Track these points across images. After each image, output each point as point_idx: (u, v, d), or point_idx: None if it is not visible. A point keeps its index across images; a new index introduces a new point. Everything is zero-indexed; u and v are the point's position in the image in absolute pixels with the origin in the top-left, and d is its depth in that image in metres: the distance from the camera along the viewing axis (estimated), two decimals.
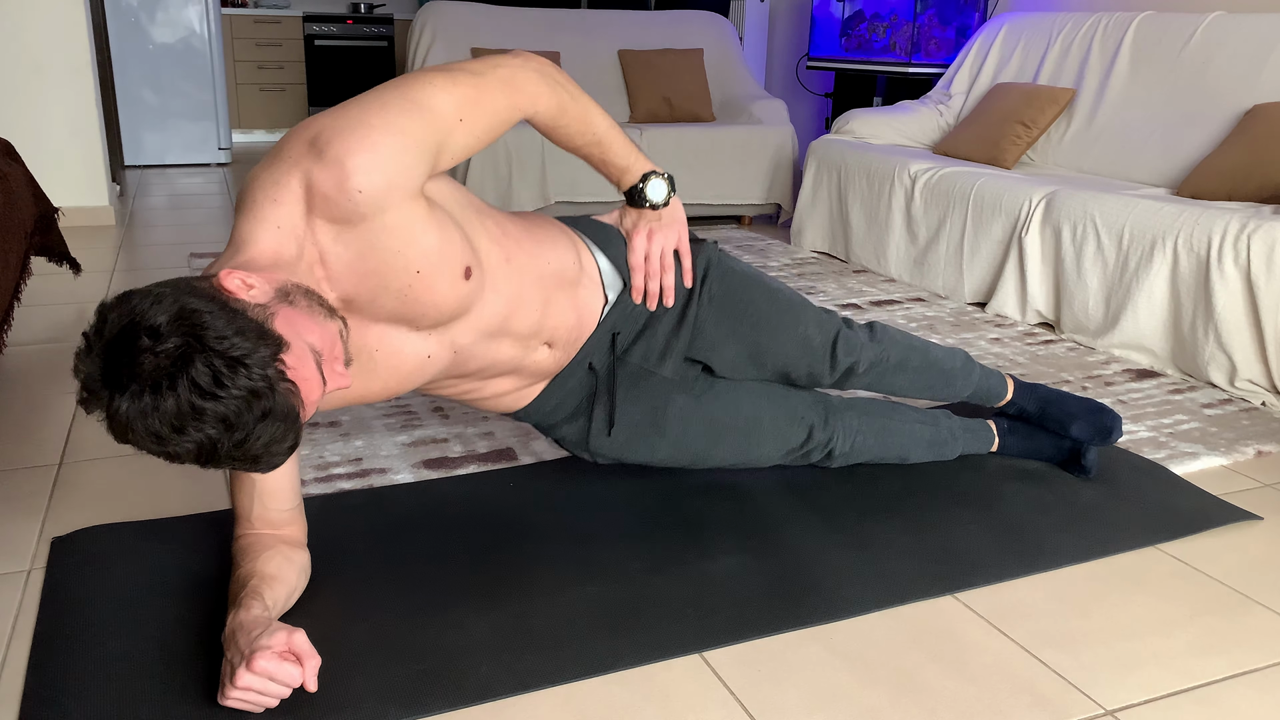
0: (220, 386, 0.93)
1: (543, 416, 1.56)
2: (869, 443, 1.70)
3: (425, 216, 1.16)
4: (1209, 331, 2.32)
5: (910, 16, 4.15)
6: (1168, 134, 3.05)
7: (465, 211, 1.29)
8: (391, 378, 1.26)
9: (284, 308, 1.04)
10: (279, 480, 1.32)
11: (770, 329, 1.55)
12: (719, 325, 1.53)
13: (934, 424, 1.78)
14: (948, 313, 2.95)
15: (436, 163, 1.17)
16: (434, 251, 1.17)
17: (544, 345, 1.43)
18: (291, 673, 1.06)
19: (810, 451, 1.67)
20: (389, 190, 1.10)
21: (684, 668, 1.24)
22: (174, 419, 0.93)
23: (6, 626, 1.29)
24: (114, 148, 4.68)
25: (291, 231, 1.11)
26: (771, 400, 1.62)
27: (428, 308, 1.20)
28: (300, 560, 1.31)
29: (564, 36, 4.54)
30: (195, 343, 0.93)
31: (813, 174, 3.78)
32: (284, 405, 0.98)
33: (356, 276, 1.15)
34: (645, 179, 1.44)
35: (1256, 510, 1.70)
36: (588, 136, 1.38)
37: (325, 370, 1.06)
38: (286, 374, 0.99)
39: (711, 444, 1.60)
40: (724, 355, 1.55)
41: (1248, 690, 1.23)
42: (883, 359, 1.64)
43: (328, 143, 1.09)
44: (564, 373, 1.50)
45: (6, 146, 2.34)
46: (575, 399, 1.54)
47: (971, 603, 1.40)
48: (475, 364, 1.36)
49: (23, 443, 1.86)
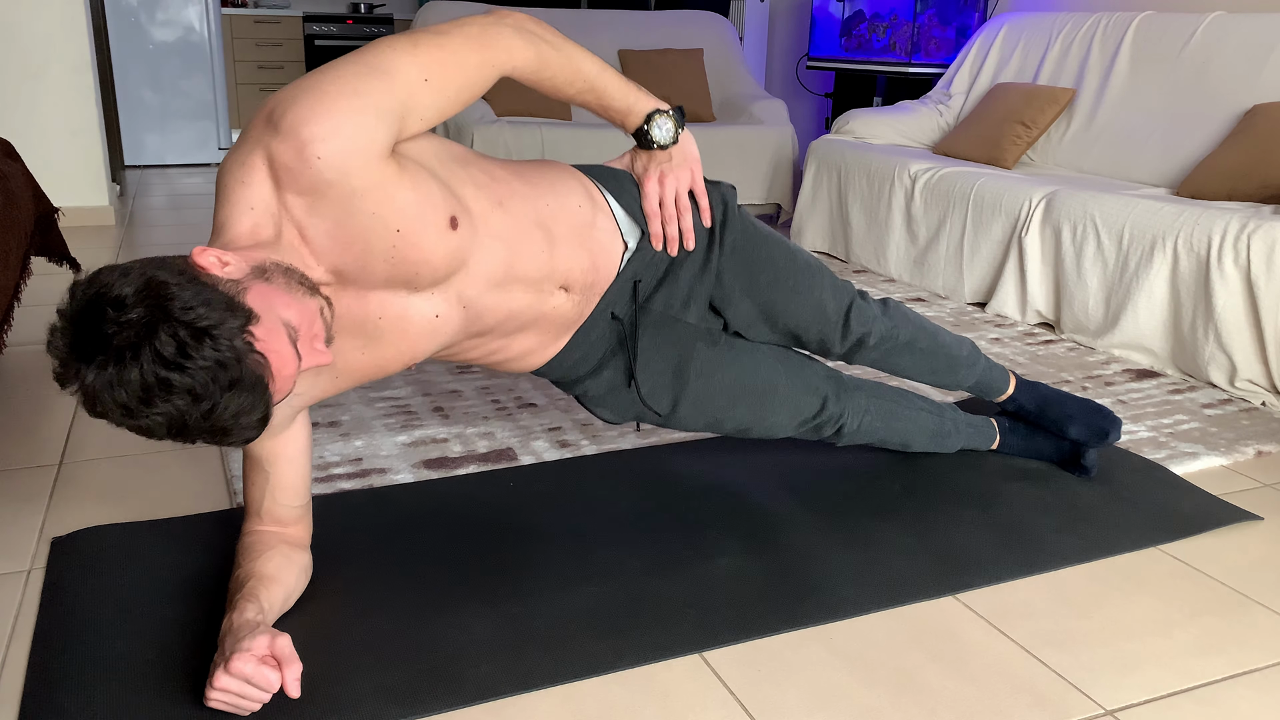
0: (185, 357, 0.92)
1: (565, 371, 1.50)
2: (875, 424, 1.68)
3: (396, 176, 1.13)
4: (1209, 331, 2.32)
5: (910, 16, 4.15)
6: (1168, 134, 3.05)
7: (446, 164, 1.25)
8: (403, 342, 1.24)
9: (258, 284, 1.04)
10: (292, 476, 1.32)
11: (786, 289, 1.52)
12: (736, 277, 1.49)
13: (939, 414, 1.77)
14: (948, 313, 2.95)
15: (403, 126, 1.14)
16: (411, 208, 1.14)
17: (560, 289, 1.37)
18: (269, 677, 1.05)
19: (822, 425, 1.63)
20: (348, 154, 1.08)
21: (684, 668, 1.24)
22: (140, 390, 0.93)
23: (6, 626, 1.29)
24: (114, 148, 4.68)
25: (265, 210, 1.10)
26: (788, 368, 1.59)
27: (419, 265, 1.18)
28: (300, 561, 1.31)
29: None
30: (160, 313, 0.93)
31: (813, 174, 3.78)
32: (252, 376, 0.97)
33: (339, 246, 1.13)
34: (650, 119, 1.38)
35: (1256, 510, 1.70)
36: (579, 84, 1.33)
37: (302, 346, 1.05)
38: (255, 346, 0.98)
39: (729, 404, 1.55)
40: (739, 309, 1.52)
41: (1248, 690, 1.23)
42: (893, 334, 1.62)
43: (282, 115, 1.08)
44: (587, 324, 1.44)
45: (6, 146, 2.34)
46: (599, 351, 1.49)
47: (971, 603, 1.40)
48: (491, 318, 1.31)
49: (23, 443, 1.86)
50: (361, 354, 1.23)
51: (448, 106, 1.20)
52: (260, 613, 1.16)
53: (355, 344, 1.22)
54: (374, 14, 6.89)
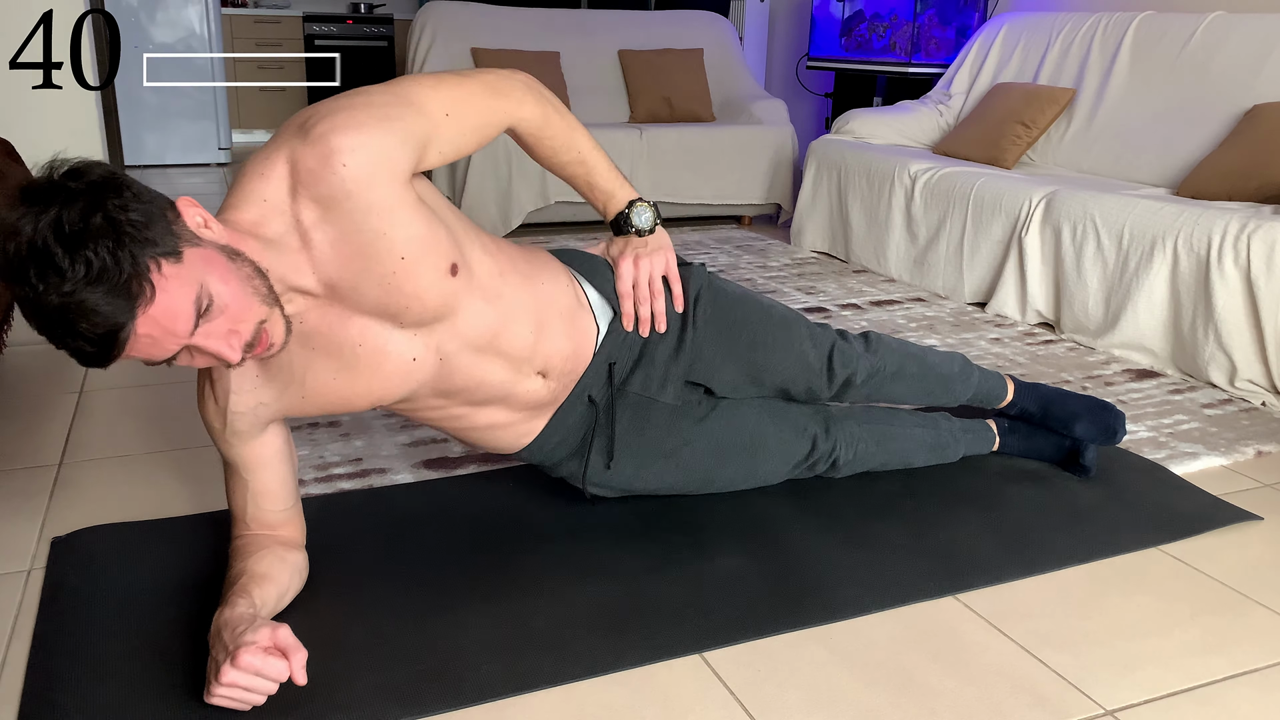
0: (79, 238, 0.94)
1: (544, 455, 1.54)
2: (871, 449, 1.69)
3: (413, 204, 1.16)
4: (1209, 331, 2.32)
5: (910, 16, 4.15)
6: (1168, 134, 3.05)
7: (462, 222, 1.31)
8: (375, 378, 1.25)
9: (218, 255, 1.05)
10: (270, 481, 1.32)
11: (766, 348, 1.54)
12: (716, 347, 1.52)
13: (934, 427, 1.77)
14: (948, 313, 2.95)
15: (424, 155, 1.18)
16: (419, 240, 1.17)
17: (537, 374, 1.40)
18: (278, 667, 1.06)
19: (815, 463, 1.66)
20: (373, 168, 1.11)
21: (684, 668, 1.24)
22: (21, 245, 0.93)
23: (6, 626, 1.29)
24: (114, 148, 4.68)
25: (276, 208, 1.12)
26: (773, 416, 1.61)
27: (410, 299, 1.19)
28: (294, 560, 1.31)
29: (564, 36, 4.54)
30: (94, 198, 0.96)
31: (813, 174, 3.78)
32: (121, 292, 0.95)
33: (341, 259, 1.14)
34: (631, 205, 1.45)
35: (1256, 510, 1.70)
36: (572, 154, 1.38)
37: (206, 322, 1.03)
38: (152, 275, 0.97)
39: (718, 465, 1.59)
40: (723, 376, 1.54)
41: (1248, 690, 1.23)
42: (879, 369, 1.64)
43: (315, 124, 1.11)
44: (564, 408, 1.47)
45: (6, 146, 2.34)
46: (577, 435, 1.52)
47: (972, 603, 1.40)
48: (461, 379, 1.33)
49: (23, 443, 1.86)
50: (333, 379, 1.24)
51: (463, 145, 1.24)
52: (252, 606, 1.15)
53: (329, 366, 1.22)
54: (374, 14, 6.89)
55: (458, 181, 3.96)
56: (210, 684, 1.06)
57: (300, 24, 6.64)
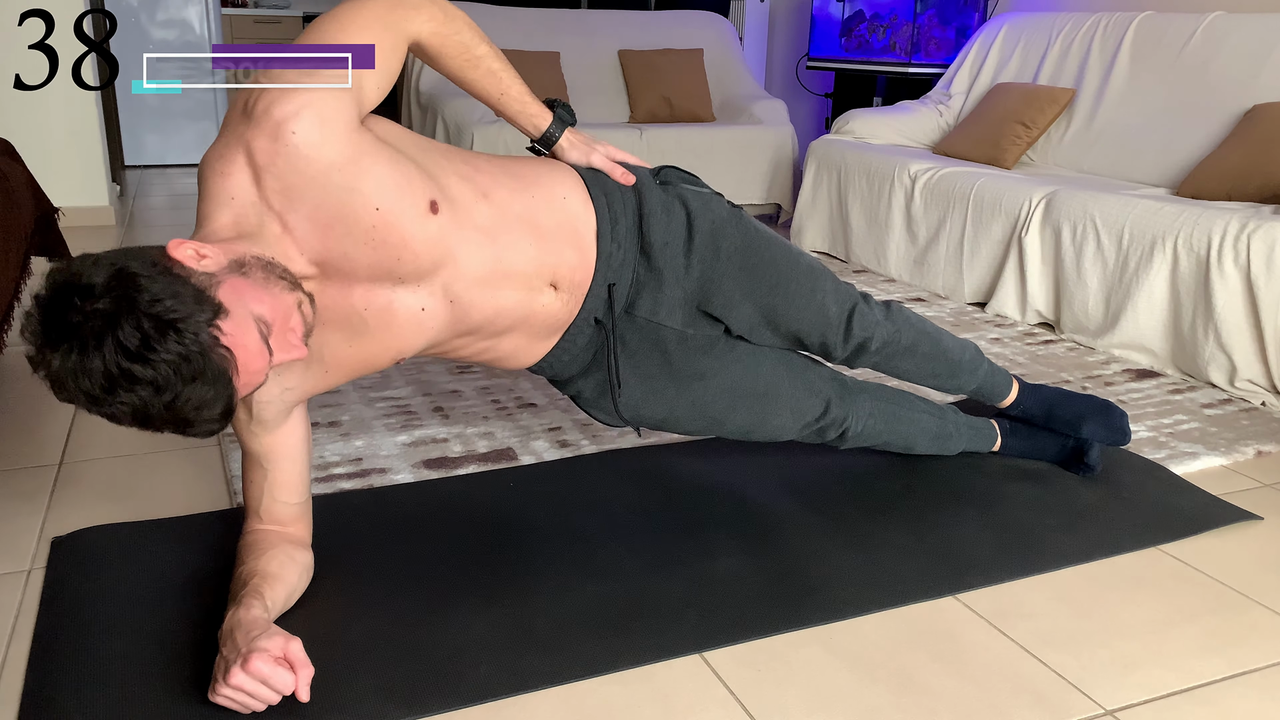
0: (149, 349, 0.94)
1: (558, 370, 1.51)
2: (878, 427, 1.68)
3: (372, 149, 1.15)
4: (1209, 331, 2.32)
5: (910, 16, 4.14)
6: (1168, 134, 3.05)
7: (428, 152, 1.27)
8: (388, 336, 1.24)
9: (234, 277, 1.05)
10: (290, 472, 1.32)
11: (787, 292, 1.51)
12: (737, 282, 1.48)
13: (940, 416, 1.77)
14: (948, 313, 2.95)
15: (362, 95, 1.17)
16: (389, 185, 1.16)
17: (549, 287, 1.37)
18: (285, 679, 1.06)
19: (826, 428, 1.63)
20: (322, 125, 1.10)
21: (684, 668, 1.23)
22: (103, 379, 0.95)
23: (6, 626, 1.29)
24: (114, 148, 4.68)
25: (246, 200, 1.12)
26: (790, 370, 1.59)
27: (399, 250, 1.18)
28: (303, 560, 1.31)
29: (564, 36, 4.54)
30: (126, 304, 0.95)
31: (813, 174, 3.78)
32: (215, 370, 0.98)
33: (320, 230, 1.14)
34: (554, 107, 1.42)
35: (1256, 510, 1.70)
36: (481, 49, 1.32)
37: (274, 341, 1.06)
38: (222, 340, 0.99)
39: (729, 407, 1.55)
40: (740, 313, 1.51)
41: (1248, 690, 1.23)
42: (895, 339, 1.61)
43: (254, 103, 1.11)
44: (572, 329, 1.44)
45: (6, 146, 2.34)
46: (588, 355, 1.49)
47: (972, 603, 1.40)
48: (478, 315, 1.31)
49: (23, 443, 1.86)
50: (348, 347, 1.24)
51: (391, 68, 1.22)
52: (266, 610, 1.16)
53: (341, 337, 1.23)
54: None
55: None
56: (216, 682, 1.06)
57: (300, 24, 6.63)
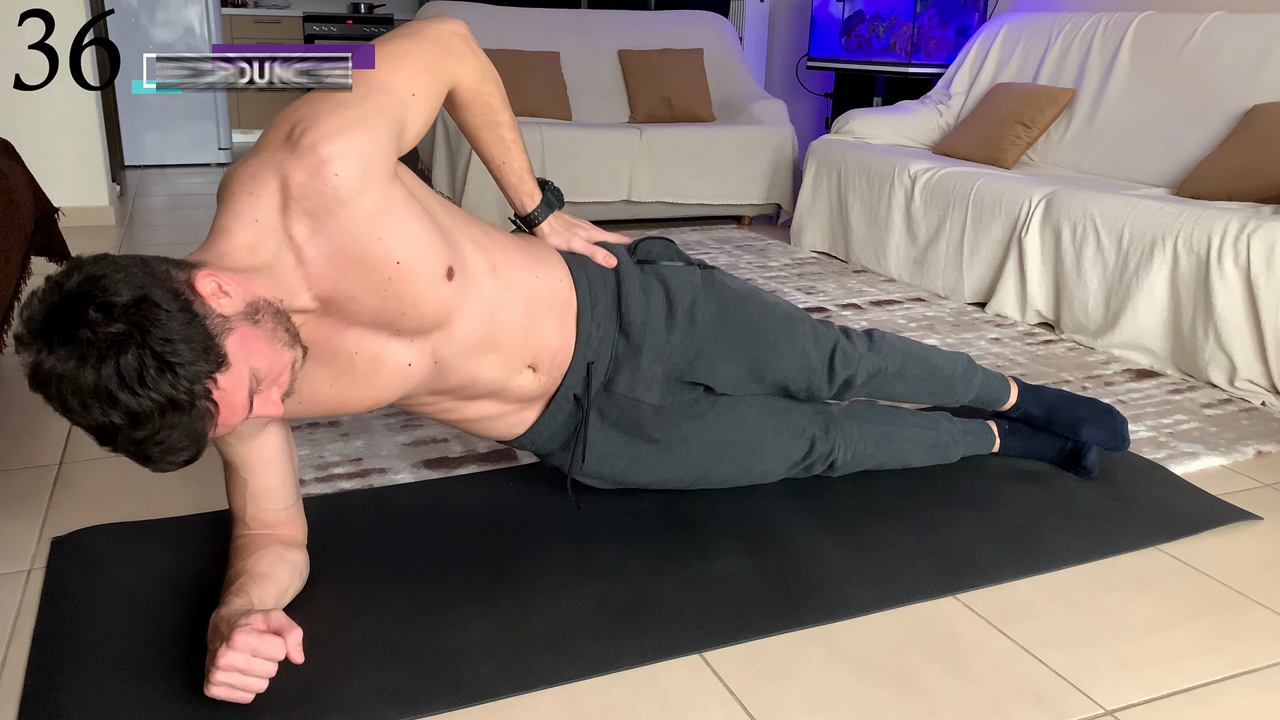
0: (141, 384, 0.94)
1: (538, 446, 1.55)
2: (870, 450, 1.69)
3: (404, 203, 1.15)
4: (1209, 331, 2.32)
5: (910, 16, 4.14)
6: (1168, 134, 3.05)
7: (451, 213, 1.29)
8: (371, 384, 1.25)
9: (245, 326, 1.04)
10: (271, 480, 1.32)
11: (768, 345, 1.54)
12: (718, 345, 1.51)
13: (934, 427, 1.77)
14: (947, 313, 2.95)
15: (401, 141, 1.17)
16: (414, 241, 1.15)
17: (528, 368, 1.40)
18: (274, 644, 1.06)
19: (813, 464, 1.66)
20: (365, 172, 1.09)
21: (684, 668, 1.23)
22: (88, 395, 0.94)
23: (6, 626, 1.29)
24: (114, 148, 4.68)
25: (268, 227, 1.10)
26: (773, 415, 1.61)
27: (407, 306, 1.18)
28: (294, 559, 1.31)
29: (564, 36, 4.54)
30: (138, 335, 0.94)
31: (813, 174, 3.78)
32: (195, 422, 0.98)
33: (336, 271, 1.13)
34: (545, 188, 1.45)
35: (1256, 510, 1.70)
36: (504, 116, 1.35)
37: (258, 396, 1.06)
38: (213, 394, 0.99)
39: (714, 463, 1.59)
40: (725, 373, 1.54)
41: (1248, 690, 1.23)
42: (881, 370, 1.63)
43: (302, 133, 1.09)
44: (552, 406, 1.48)
45: (6, 146, 2.34)
46: (568, 430, 1.52)
47: (972, 603, 1.40)
48: (456, 379, 1.33)
49: (23, 443, 1.86)
50: (330, 386, 1.23)
51: (430, 118, 1.23)
52: (249, 604, 1.15)
53: (327, 374, 1.22)
54: (374, 14, 6.89)
55: (458, 181, 3.96)
56: (209, 674, 1.06)
57: (300, 24, 6.64)
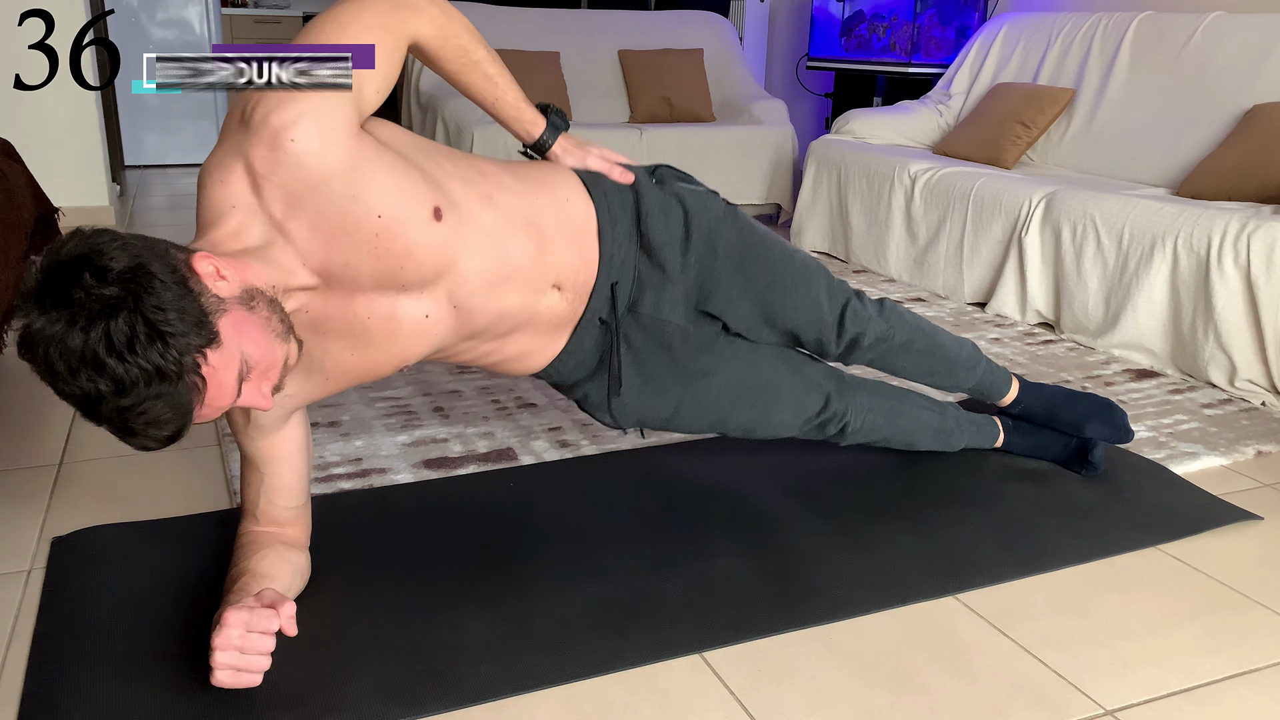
0: (130, 350, 0.93)
1: (564, 375, 1.51)
2: (878, 423, 1.68)
3: (373, 154, 1.13)
4: (1209, 331, 2.32)
5: (910, 16, 4.14)
6: (1168, 134, 3.05)
7: (431, 156, 1.25)
8: (392, 344, 1.23)
9: (240, 310, 1.04)
10: (288, 476, 1.32)
11: (784, 289, 1.52)
12: (734, 279, 1.49)
13: (941, 412, 1.77)
14: (948, 313, 2.95)
15: (361, 99, 1.15)
16: (392, 192, 1.14)
17: (553, 288, 1.37)
18: (266, 616, 1.07)
19: (826, 422, 1.63)
20: (321, 132, 1.09)
21: (684, 668, 1.23)
22: (73, 359, 0.93)
23: (6, 626, 1.29)
24: (114, 148, 4.68)
25: (247, 209, 1.10)
26: (790, 365, 1.59)
27: (403, 258, 1.16)
28: (295, 560, 1.31)
29: (564, 36, 4.54)
30: (131, 301, 0.94)
31: (813, 174, 3.78)
32: (182, 395, 0.97)
33: (323, 240, 1.12)
34: (547, 112, 1.42)
35: (1256, 510, 1.70)
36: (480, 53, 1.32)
37: (247, 385, 1.05)
38: (201, 369, 0.98)
39: (733, 404, 1.56)
40: (739, 310, 1.51)
41: (1248, 690, 1.23)
42: (888, 335, 1.62)
43: (253, 110, 1.09)
44: (579, 331, 1.45)
45: (6, 146, 2.34)
46: (595, 356, 1.49)
47: (972, 603, 1.40)
48: (482, 319, 1.31)
49: (23, 443, 1.86)
50: (351, 356, 1.23)
51: (391, 72, 1.20)
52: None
53: (344, 346, 1.22)
54: None
55: None
56: (210, 660, 1.07)
57: (300, 24, 6.63)
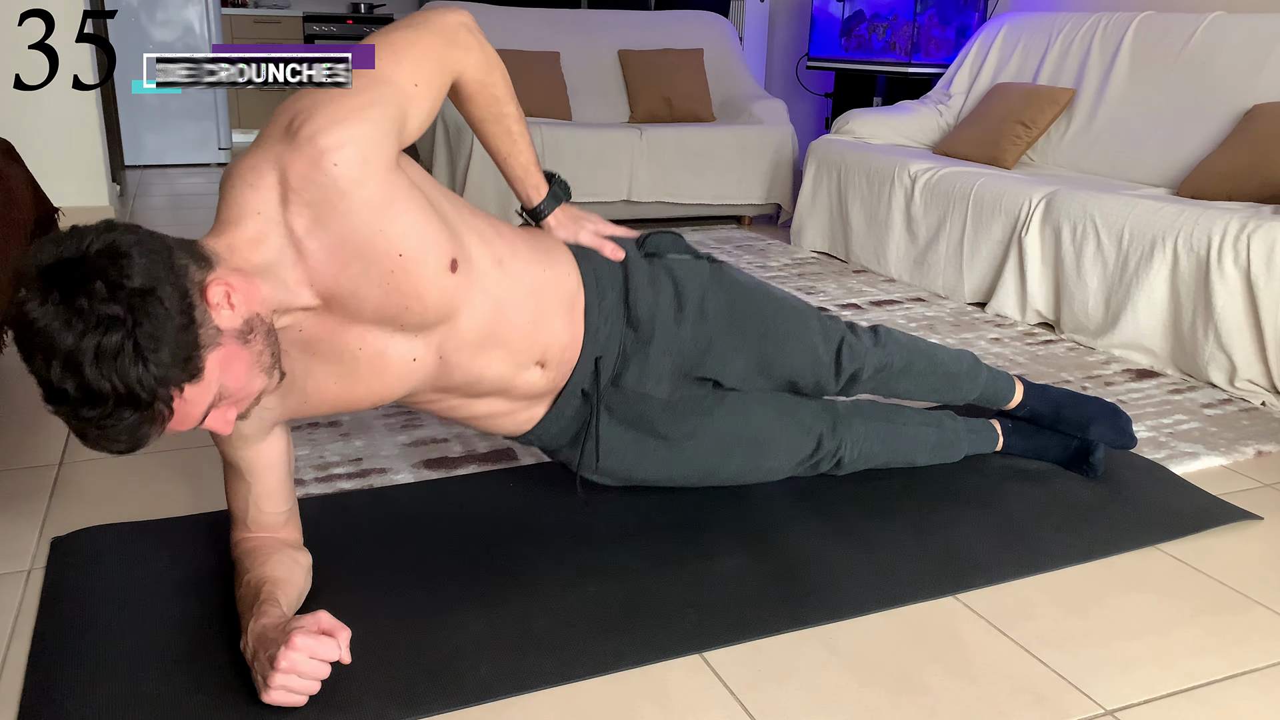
0: (111, 367, 0.94)
1: (545, 442, 1.54)
2: (875, 448, 1.69)
3: (406, 194, 1.14)
4: (1209, 331, 2.32)
5: (910, 16, 4.14)
6: (1168, 134, 3.05)
7: (457, 206, 1.27)
8: (375, 380, 1.24)
9: (234, 345, 1.04)
10: (273, 483, 1.32)
11: (777, 338, 1.54)
12: (728, 338, 1.51)
13: (938, 426, 1.77)
14: (948, 313, 2.95)
15: (403, 133, 1.16)
16: (416, 232, 1.14)
17: (536, 365, 1.39)
18: (330, 645, 1.08)
19: (820, 461, 1.66)
20: (365, 162, 1.09)
21: (684, 668, 1.23)
22: (56, 356, 0.94)
23: (6, 626, 1.29)
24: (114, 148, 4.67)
25: (271, 219, 1.10)
26: (780, 411, 1.60)
27: (411, 299, 1.17)
28: (304, 562, 1.32)
29: (564, 36, 4.54)
30: (129, 323, 0.94)
31: (813, 174, 3.78)
32: (144, 421, 0.98)
33: (337, 265, 1.12)
34: (551, 180, 1.45)
35: (1256, 510, 1.70)
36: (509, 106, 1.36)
37: (215, 410, 1.06)
38: (173, 402, 0.99)
39: (723, 459, 1.58)
40: (734, 367, 1.53)
41: (1248, 690, 1.23)
42: (887, 364, 1.63)
43: (301, 125, 1.08)
44: (560, 401, 1.47)
45: (6, 146, 2.35)
46: (575, 425, 1.51)
47: (972, 603, 1.40)
48: (460, 376, 1.32)
49: (23, 443, 1.86)
50: (335, 383, 1.23)
51: (433, 109, 1.22)
52: (283, 615, 1.16)
53: (329, 372, 1.22)
54: (374, 14, 6.89)
55: (458, 179, 3.96)
56: (267, 679, 1.07)
57: (300, 24, 6.64)
